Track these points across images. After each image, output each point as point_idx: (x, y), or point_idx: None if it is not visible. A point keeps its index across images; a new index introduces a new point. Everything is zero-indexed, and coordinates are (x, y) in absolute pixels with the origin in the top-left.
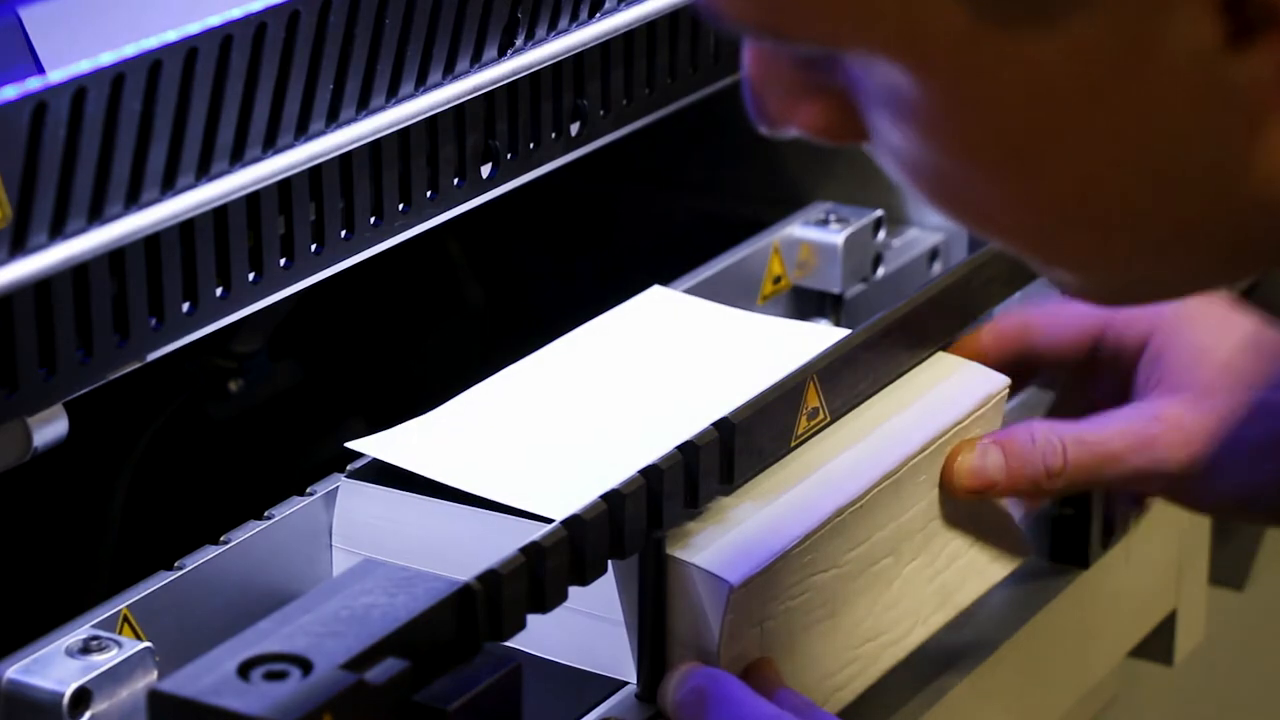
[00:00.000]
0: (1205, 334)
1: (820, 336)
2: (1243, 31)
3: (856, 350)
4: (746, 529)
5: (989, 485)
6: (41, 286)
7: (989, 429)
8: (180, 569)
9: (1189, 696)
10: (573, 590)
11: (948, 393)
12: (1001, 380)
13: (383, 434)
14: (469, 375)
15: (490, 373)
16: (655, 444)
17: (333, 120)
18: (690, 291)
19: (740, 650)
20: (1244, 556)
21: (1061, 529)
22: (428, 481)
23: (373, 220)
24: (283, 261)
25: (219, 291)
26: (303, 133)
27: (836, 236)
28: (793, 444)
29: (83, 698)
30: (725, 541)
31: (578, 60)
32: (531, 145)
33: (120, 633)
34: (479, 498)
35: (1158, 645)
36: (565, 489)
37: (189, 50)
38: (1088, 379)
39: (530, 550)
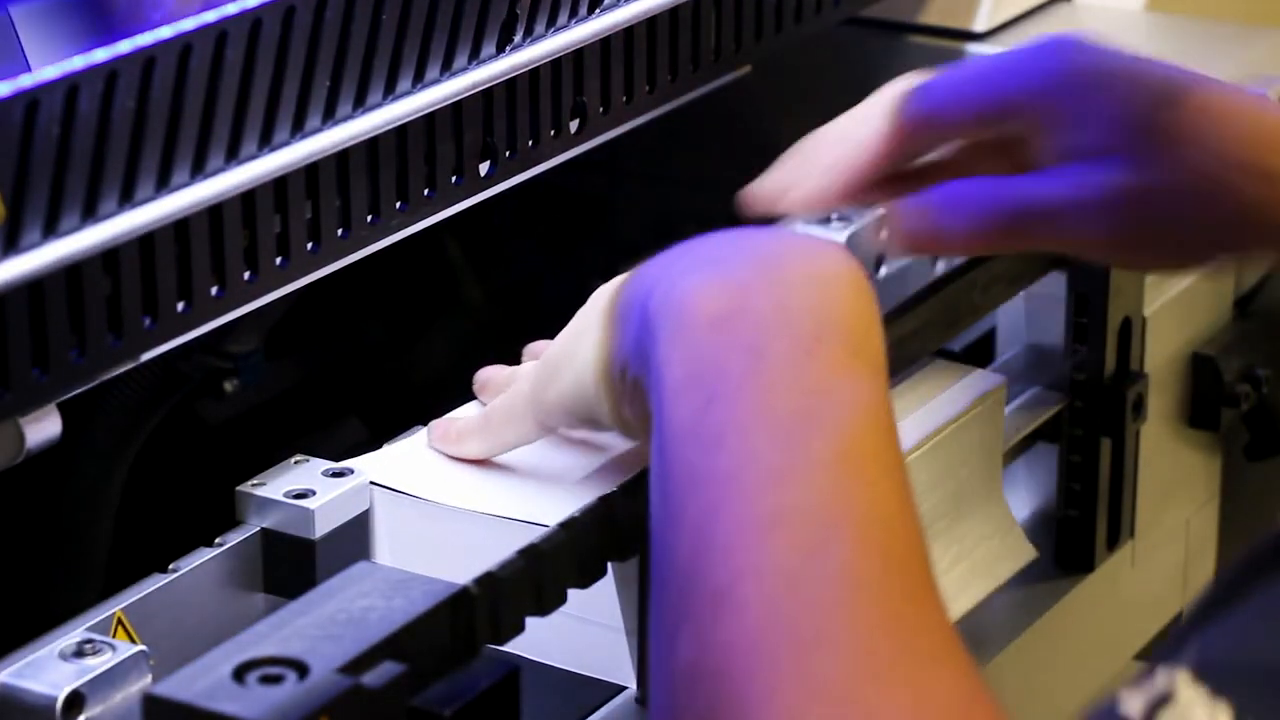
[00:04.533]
0: None
1: None
2: None
3: None
4: None
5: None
6: (34, 285)
7: (988, 429)
8: (175, 571)
9: None
10: (571, 595)
11: (946, 392)
12: (999, 380)
13: (371, 455)
14: (467, 375)
15: None
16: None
17: (329, 117)
18: None
19: None
20: None
21: (1066, 532)
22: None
23: (370, 218)
24: (279, 260)
25: (214, 290)
26: (299, 130)
27: (839, 235)
28: None
29: (76, 701)
30: None
31: (577, 57)
32: (530, 143)
33: (114, 636)
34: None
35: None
36: (564, 499)
37: (183, 46)
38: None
39: (529, 552)
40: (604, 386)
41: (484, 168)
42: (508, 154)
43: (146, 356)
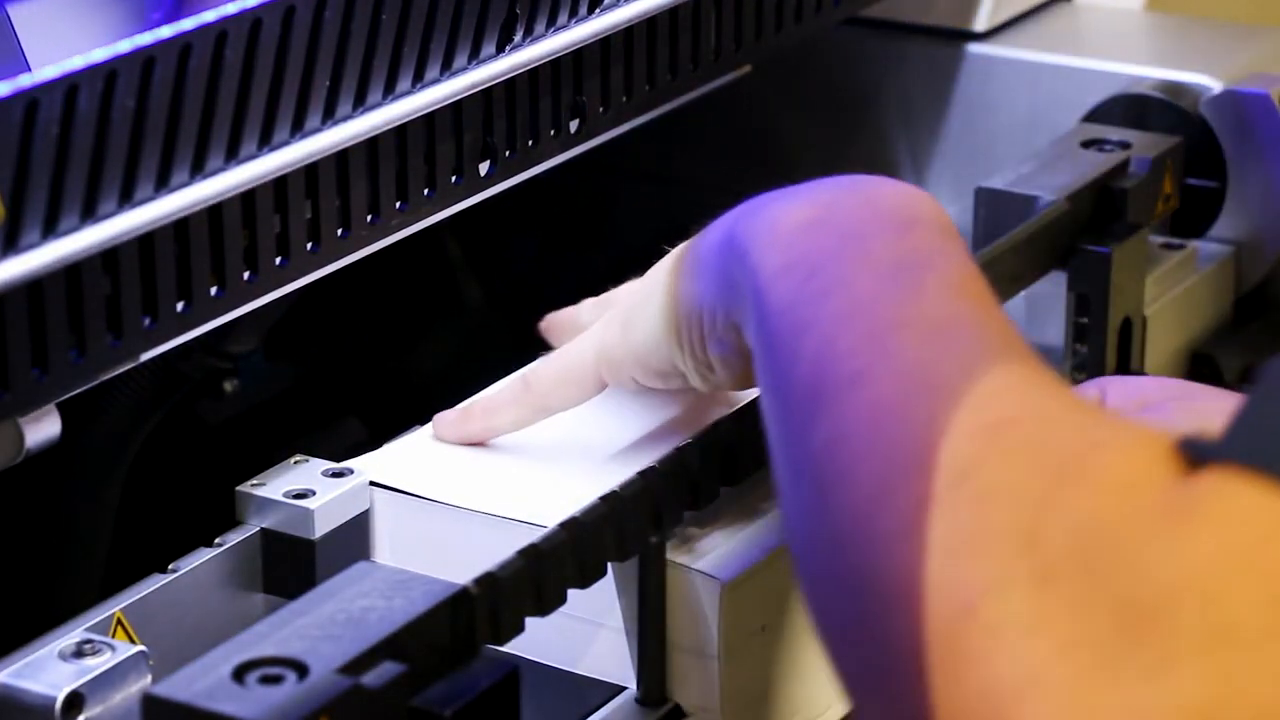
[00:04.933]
0: None
1: None
2: None
3: None
4: (745, 530)
5: None
6: (34, 286)
7: None
8: (174, 571)
9: None
10: (571, 595)
11: None
12: None
13: (371, 454)
14: (467, 375)
15: (489, 372)
16: (655, 450)
17: (329, 117)
18: None
19: (742, 654)
20: None
21: None
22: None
23: (370, 218)
24: (279, 260)
25: (214, 290)
26: (299, 130)
27: None
28: None
29: (75, 702)
30: (722, 543)
31: (577, 57)
32: (530, 142)
33: (113, 636)
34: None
35: None
36: (565, 500)
37: (183, 46)
38: None
39: (529, 553)
40: (681, 333)
41: (484, 168)
42: (508, 154)
43: (146, 356)
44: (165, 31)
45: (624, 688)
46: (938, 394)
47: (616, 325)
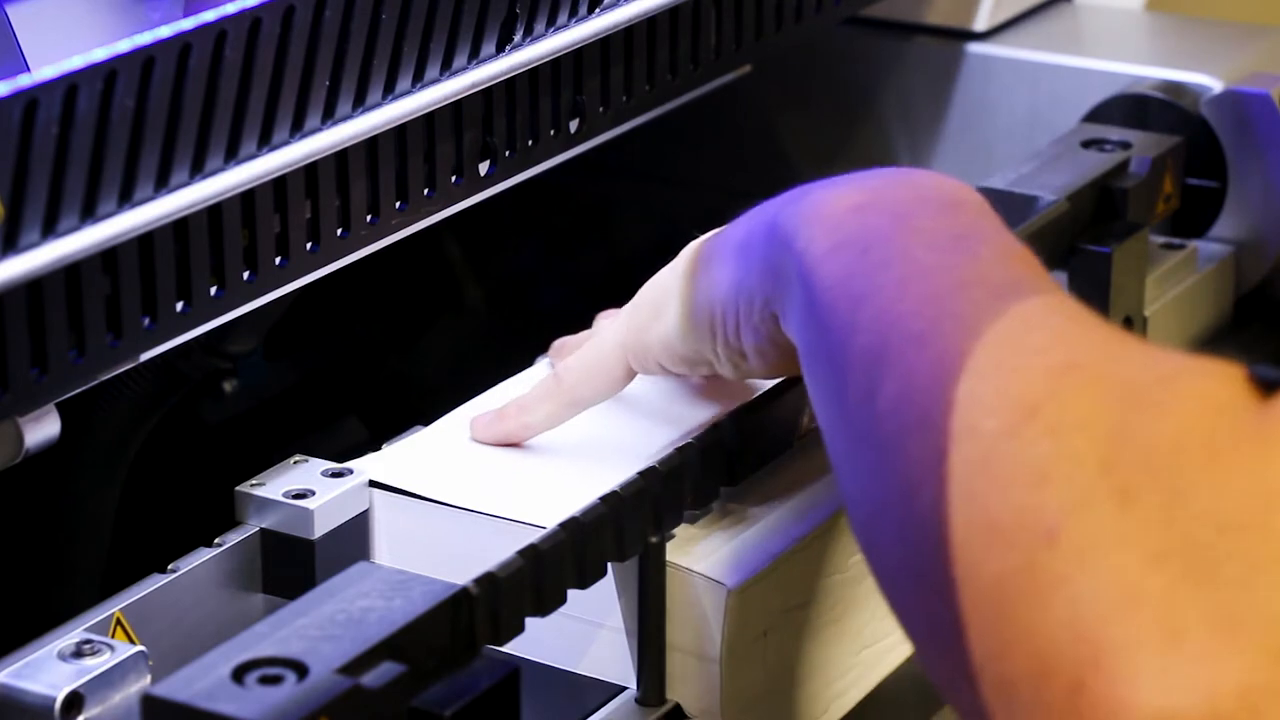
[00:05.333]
0: None
1: None
2: None
3: None
4: (747, 533)
5: None
6: (33, 285)
7: None
8: (174, 572)
9: None
10: (571, 595)
11: None
12: None
13: (372, 455)
14: (467, 375)
15: (488, 373)
16: (654, 452)
17: (329, 117)
18: None
19: (744, 659)
20: None
21: None
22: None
23: (369, 218)
24: (278, 260)
25: (213, 290)
26: (298, 129)
27: None
28: (795, 444)
29: (75, 702)
30: (725, 546)
31: (577, 56)
32: (530, 142)
33: (113, 636)
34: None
35: None
36: (565, 500)
37: (183, 46)
38: None
39: (529, 553)
40: (715, 321)
41: (484, 167)
42: (507, 154)
43: (145, 357)
44: (165, 31)
45: (624, 688)
46: (1002, 343)
47: (643, 314)
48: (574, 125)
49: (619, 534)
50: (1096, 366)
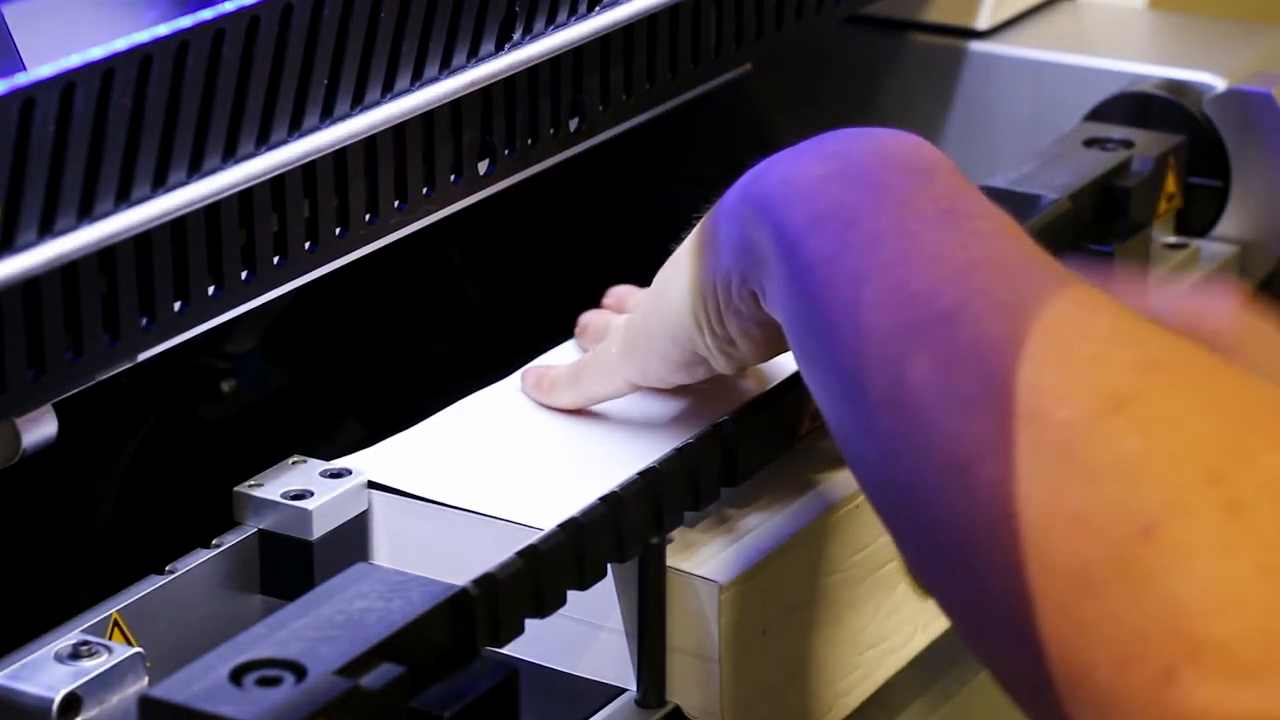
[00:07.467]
0: None
1: None
2: None
3: None
4: (745, 533)
5: None
6: (30, 285)
7: None
8: (172, 573)
9: None
10: (571, 596)
11: None
12: None
13: (367, 451)
14: (466, 375)
15: (488, 372)
16: (655, 450)
17: (327, 116)
18: None
19: (743, 657)
20: None
21: None
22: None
23: (368, 218)
24: (276, 260)
25: (211, 290)
26: (296, 128)
27: None
28: (795, 444)
29: (72, 703)
30: (723, 546)
31: (576, 55)
32: (530, 141)
33: (111, 637)
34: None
35: None
36: (565, 500)
37: (180, 44)
38: None
39: (528, 554)
40: (699, 306)
41: (483, 166)
42: (507, 153)
43: (143, 356)
44: (162, 30)
45: (624, 690)
46: (1061, 329)
47: (645, 307)
48: (574, 124)
49: (619, 535)
50: (1179, 370)
